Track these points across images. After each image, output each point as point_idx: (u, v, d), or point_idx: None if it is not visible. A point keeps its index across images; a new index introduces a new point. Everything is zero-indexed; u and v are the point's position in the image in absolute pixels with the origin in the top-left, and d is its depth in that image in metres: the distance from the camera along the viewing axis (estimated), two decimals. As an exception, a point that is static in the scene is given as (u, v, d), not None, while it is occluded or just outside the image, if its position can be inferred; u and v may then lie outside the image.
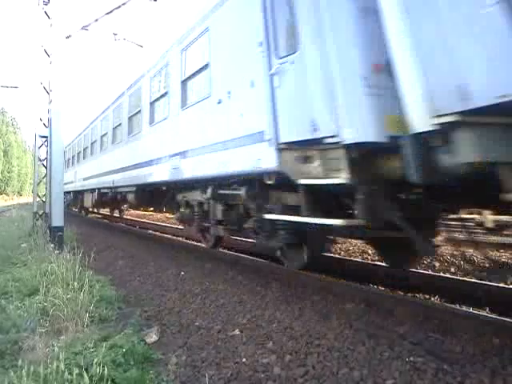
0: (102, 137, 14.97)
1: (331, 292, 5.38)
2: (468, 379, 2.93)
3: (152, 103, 9.55)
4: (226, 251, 9.47)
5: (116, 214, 20.77)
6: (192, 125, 7.31)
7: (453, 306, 4.90)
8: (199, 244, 10.42)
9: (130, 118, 11.31)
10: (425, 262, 7.73)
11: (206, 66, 6.83)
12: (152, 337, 4.29)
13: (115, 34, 15.95)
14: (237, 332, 4.26)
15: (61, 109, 11.24)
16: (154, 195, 10.49)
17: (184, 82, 7.74)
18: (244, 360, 3.60)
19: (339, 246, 9.71)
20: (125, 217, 21.23)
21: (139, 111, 10.38)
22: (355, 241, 10.10)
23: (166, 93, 8.63)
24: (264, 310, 4.87)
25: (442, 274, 6.63)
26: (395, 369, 3.18)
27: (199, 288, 6.11)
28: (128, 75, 12.16)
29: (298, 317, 4.50)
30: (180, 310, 5.20)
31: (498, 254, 8.04)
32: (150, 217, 21.14)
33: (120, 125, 12.26)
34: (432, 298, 5.54)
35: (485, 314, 4.57)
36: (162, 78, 9.06)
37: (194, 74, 7.39)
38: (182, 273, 7.21)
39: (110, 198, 14.14)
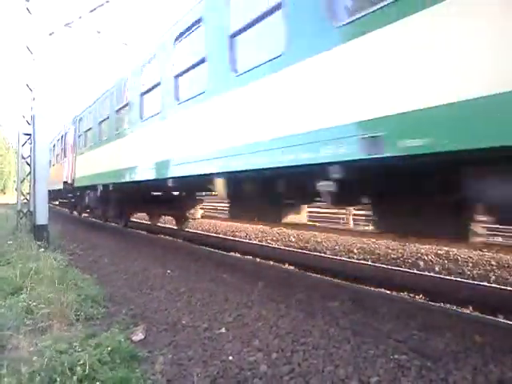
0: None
1: (317, 290, 5.42)
2: (451, 376, 2.98)
3: None
4: (212, 250, 9.47)
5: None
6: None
7: (437, 304, 4.96)
8: (185, 243, 10.42)
9: None
10: (409, 261, 7.83)
11: None
12: (138, 335, 4.27)
13: (99, 32, 15.81)
14: (223, 330, 4.27)
15: (44, 106, 11.12)
16: None
17: None
18: (230, 358, 3.61)
19: (324, 245, 9.78)
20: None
21: None
22: (341, 240, 10.17)
23: None
24: (250, 308, 4.89)
25: (426, 273, 6.72)
26: (380, 366, 3.22)
27: (185, 286, 6.10)
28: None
29: (284, 315, 4.52)
30: (166, 309, 5.18)
31: (481, 252, 8.17)
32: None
33: None
34: (416, 297, 5.60)
35: (468, 312, 4.64)
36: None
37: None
38: (169, 271, 7.20)
39: None
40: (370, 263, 7.33)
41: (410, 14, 3.11)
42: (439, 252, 8.23)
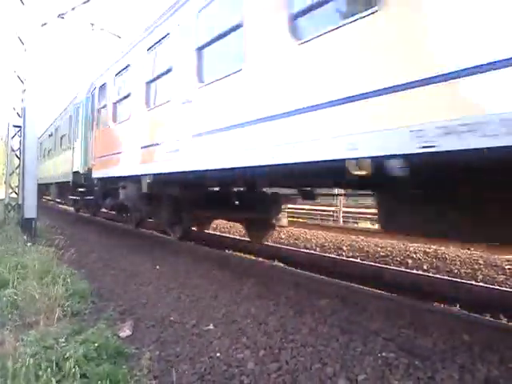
0: None
1: (306, 287, 5.42)
2: (438, 375, 2.99)
3: None
4: (201, 246, 9.43)
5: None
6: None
7: (425, 302, 4.98)
8: (174, 238, 10.36)
9: None
10: (398, 259, 7.86)
11: None
12: (125, 331, 4.25)
13: (92, 24, 15.67)
14: (211, 327, 4.25)
15: (35, 98, 11.00)
16: None
17: None
18: (218, 355, 3.60)
19: (314, 241, 9.79)
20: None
21: None
22: (330, 237, 10.19)
23: None
24: (239, 305, 4.88)
25: (414, 271, 6.75)
26: (367, 364, 3.22)
27: (174, 282, 6.07)
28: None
29: (273, 312, 4.51)
30: (154, 305, 5.15)
31: (469, 251, 8.22)
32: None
33: None
34: (405, 295, 5.61)
35: (456, 310, 4.66)
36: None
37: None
38: (157, 267, 7.16)
39: None
40: (359, 261, 7.35)
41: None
42: (427, 250, 8.27)
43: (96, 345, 3.52)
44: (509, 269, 6.80)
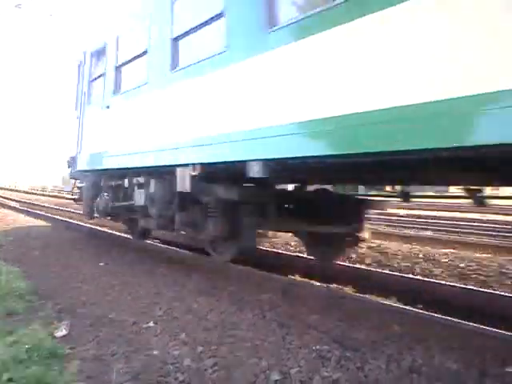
0: None
1: (250, 282, 5.46)
2: (367, 365, 3.10)
3: None
4: (150, 242, 9.32)
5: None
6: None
7: (363, 295, 5.13)
8: (122, 234, 10.17)
9: None
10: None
11: None
12: (62, 331, 4.14)
13: (51, 15, 15.17)
14: (151, 324, 4.22)
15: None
16: None
17: None
18: (155, 352, 3.57)
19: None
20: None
21: None
22: (280, 233, 10.29)
23: None
24: (182, 301, 4.87)
25: (357, 266, 6.94)
26: (301, 357, 3.30)
27: (118, 280, 5.98)
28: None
29: (214, 308, 4.53)
30: (95, 303, 5.05)
31: (411, 246, 8.54)
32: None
33: None
34: (345, 288, 5.76)
35: (391, 303, 4.82)
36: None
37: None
38: (102, 264, 7.03)
39: None
40: (304, 256, 7.45)
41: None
42: (371, 245, 8.51)
43: (27, 346, 3.42)
44: (444, 262, 7.12)
